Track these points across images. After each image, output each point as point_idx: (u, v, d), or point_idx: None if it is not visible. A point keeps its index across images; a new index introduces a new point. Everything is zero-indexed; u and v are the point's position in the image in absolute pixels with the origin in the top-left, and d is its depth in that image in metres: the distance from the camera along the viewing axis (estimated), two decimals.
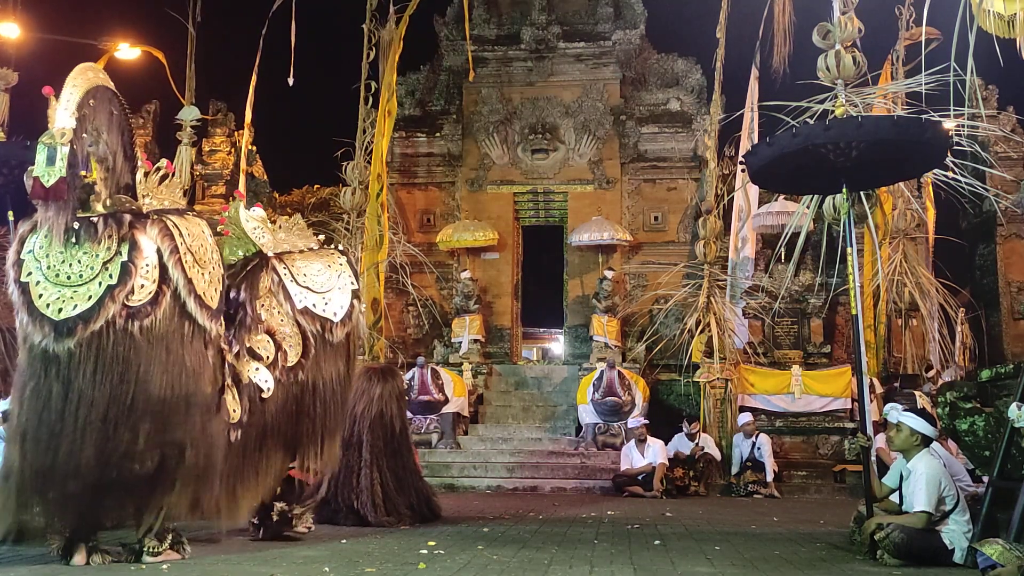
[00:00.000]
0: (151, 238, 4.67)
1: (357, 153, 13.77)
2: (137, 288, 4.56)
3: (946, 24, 6.35)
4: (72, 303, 4.45)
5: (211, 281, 4.94)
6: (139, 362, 4.53)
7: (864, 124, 5.55)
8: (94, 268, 4.51)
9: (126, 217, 4.64)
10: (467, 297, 14.63)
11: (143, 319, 4.55)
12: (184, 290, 4.73)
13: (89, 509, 4.50)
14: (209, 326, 4.89)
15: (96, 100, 4.67)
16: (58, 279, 4.49)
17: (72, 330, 4.41)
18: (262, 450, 5.49)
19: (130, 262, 4.55)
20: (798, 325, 14.15)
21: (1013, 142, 14.18)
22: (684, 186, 15.59)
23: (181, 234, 4.81)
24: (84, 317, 4.43)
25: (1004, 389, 5.87)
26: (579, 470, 11.75)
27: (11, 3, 11.74)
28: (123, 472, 4.46)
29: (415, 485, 7.44)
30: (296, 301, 5.76)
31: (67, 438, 4.38)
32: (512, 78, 15.91)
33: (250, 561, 4.92)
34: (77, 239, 4.52)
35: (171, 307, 4.68)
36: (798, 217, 7.99)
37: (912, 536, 5.08)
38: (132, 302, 4.54)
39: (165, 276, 4.67)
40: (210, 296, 4.91)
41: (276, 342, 5.62)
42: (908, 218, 13.01)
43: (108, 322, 4.46)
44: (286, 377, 5.61)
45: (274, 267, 5.81)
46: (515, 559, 5.12)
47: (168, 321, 4.66)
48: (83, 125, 4.53)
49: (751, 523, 7.55)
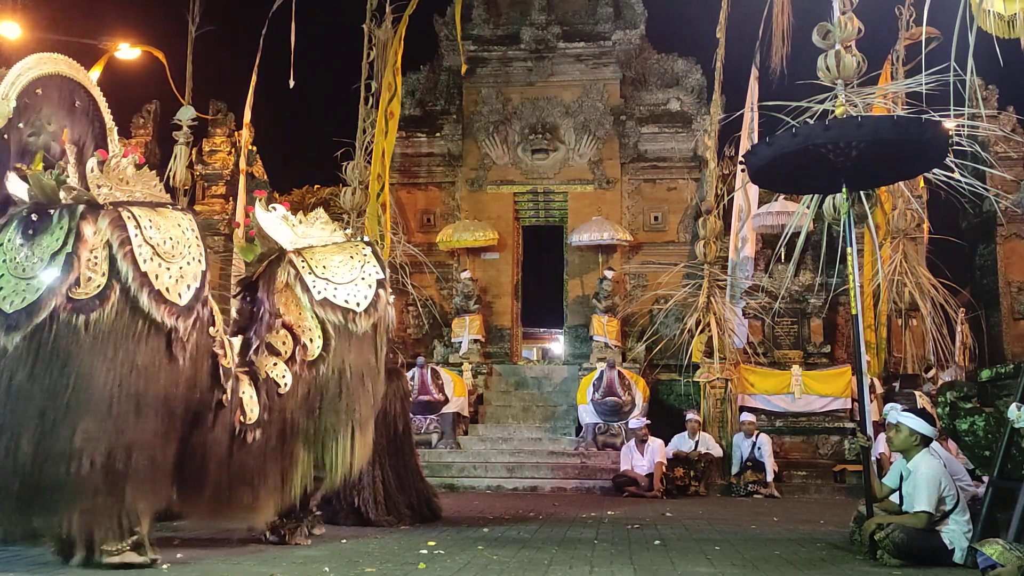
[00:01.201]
0: (99, 229, 4.49)
1: (357, 153, 13.78)
2: (83, 281, 4.40)
3: (946, 24, 6.35)
4: (22, 296, 4.34)
5: (181, 277, 4.70)
6: (82, 358, 4.34)
7: (864, 124, 5.54)
8: (43, 260, 4.40)
9: (79, 208, 4.50)
10: (467, 297, 14.63)
11: (88, 313, 4.37)
12: (135, 284, 4.50)
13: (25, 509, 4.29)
14: (172, 323, 4.62)
15: (47, 89, 4.54)
16: (15, 272, 4.39)
17: (18, 323, 4.30)
18: (284, 448, 5.42)
19: (74, 254, 4.40)
20: (798, 325, 14.14)
21: (1013, 142, 14.18)
22: (684, 186, 15.59)
23: (140, 225, 4.60)
24: (29, 310, 4.31)
25: (1004, 389, 5.88)
26: (579, 470, 11.76)
27: (11, 3, 11.74)
28: (59, 472, 4.25)
29: (416, 485, 7.45)
30: (314, 292, 5.68)
31: (5, 434, 4.23)
32: (512, 78, 15.91)
33: (250, 561, 4.92)
34: (34, 231, 4.42)
35: (120, 302, 4.47)
36: (798, 217, 8.00)
37: (912, 536, 5.09)
38: (77, 295, 4.37)
39: (114, 269, 4.48)
40: (176, 293, 4.65)
41: (295, 336, 5.56)
42: (908, 218, 13.00)
43: (51, 315, 4.31)
44: (307, 371, 5.52)
45: (291, 260, 5.77)
46: (515, 559, 5.12)
47: (117, 316, 4.45)
48: (20, 116, 4.40)
49: (751, 523, 7.55)
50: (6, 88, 4.34)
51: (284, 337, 5.53)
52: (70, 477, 4.26)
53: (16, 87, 4.37)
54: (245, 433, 5.13)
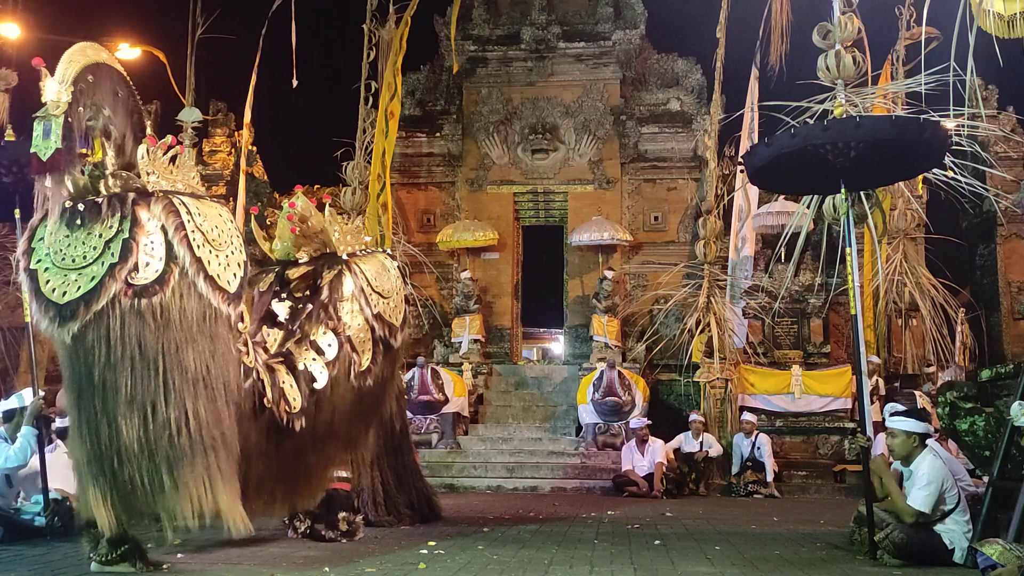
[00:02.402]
0: (154, 215, 4.47)
1: (357, 153, 13.78)
2: (142, 266, 4.37)
3: (946, 24, 6.36)
4: (76, 285, 4.28)
5: (227, 265, 4.70)
6: (153, 341, 4.32)
7: (863, 124, 5.54)
8: (97, 248, 4.34)
9: (129, 195, 4.46)
10: (467, 297, 14.63)
11: (150, 297, 4.35)
12: (192, 268, 4.50)
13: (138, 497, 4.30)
14: (226, 310, 4.67)
15: (96, 77, 4.49)
16: (63, 263, 4.33)
17: (75, 312, 4.24)
18: (325, 444, 5.58)
19: (131, 239, 4.35)
20: (798, 325, 14.14)
21: (1013, 142, 14.17)
22: (684, 186, 15.59)
23: (189, 212, 4.60)
24: (86, 298, 4.25)
25: (1004, 389, 5.88)
26: (579, 470, 11.76)
27: (11, 3, 11.74)
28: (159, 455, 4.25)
29: (415, 484, 7.44)
30: (372, 306, 5.90)
31: (100, 423, 4.24)
32: (512, 78, 15.91)
33: (250, 561, 4.92)
34: (82, 221, 4.37)
35: (181, 285, 4.46)
36: (798, 217, 7.99)
37: (912, 536, 5.09)
38: (137, 280, 4.34)
39: (172, 254, 4.46)
40: (225, 280, 4.66)
41: (341, 342, 5.68)
42: (908, 218, 13.00)
43: (111, 302, 4.27)
44: (359, 381, 5.73)
45: (354, 271, 5.96)
46: (515, 559, 5.12)
47: (180, 300, 4.45)
48: (80, 99, 4.34)
49: (751, 523, 7.55)
50: (64, 73, 4.28)
51: (331, 339, 5.65)
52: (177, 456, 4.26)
53: (71, 72, 4.31)
54: (292, 422, 5.21)
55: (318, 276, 5.90)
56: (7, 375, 12.68)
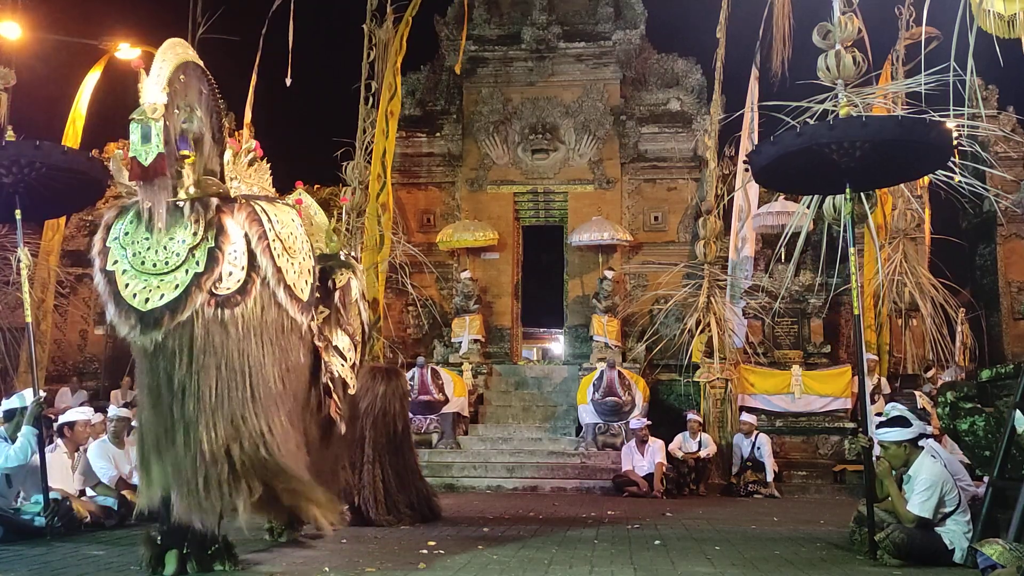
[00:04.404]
0: (238, 223, 4.41)
1: (357, 153, 13.78)
2: (225, 275, 4.32)
3: (946, 24, 6.35)
4: (159, 292, 4.20)
5: (300, 272, 4.70)
6: (233, 352, 4.30)
7: (868, 124, 5.54)
8: (180, 255, 4.25)
9: (212, 201, 4.37)
10: (467, 297, 14.63)
11: (232, 308, 4.32)
12: (273, 279, 4.48)
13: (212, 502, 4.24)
14: (300, 319, 4.68)
15: (187, 76, 4.41)
16: (143, 267, 4.24)
17: (159, 321, 4.16)
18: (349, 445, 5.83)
19: (217, 248, 4.29)
20: (798, 325, 14.14)
21: (1013, 142, 14.17)
22: (684, 186, 15.59)
23: (270, 220, 4.57)
24: (171, 307, 4.17)
25: (1004, 389, 5.87)
26: (579, 470, 11.75)
27: (11, 3, 11.74)
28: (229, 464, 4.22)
29: (416, 484, 7.45)
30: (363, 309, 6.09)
31: (180, 432, 4.20)
32: (512, 78, 15.90)
33: (250, 560, 4.91)
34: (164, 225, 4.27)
35: (261, 296, 4.45)
36: (798, 217, 7.99)
37: (912, 536, 5.09)
38: (220, 290, 4.30)
39: (254, 263, 4.42)
40: (299, 288, 4.67)
41: (354, 344, 5.81)
42: (908, 218, 13.00)
43: (196, 312, 4.23)
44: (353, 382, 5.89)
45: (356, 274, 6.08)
46: (515, 559, 5.12)
47: (259, 310, 4.43)
48: (175, 100, 4.26)
49: (751, 523, 7.55)
50: (160, 74, 4.20)
51: (349, 344, 5.71)
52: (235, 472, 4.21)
53: (166, 72, 4.23)
54: (338, 425, 5.37)
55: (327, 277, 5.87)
56: (7, 375, 12.68)
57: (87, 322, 15.79)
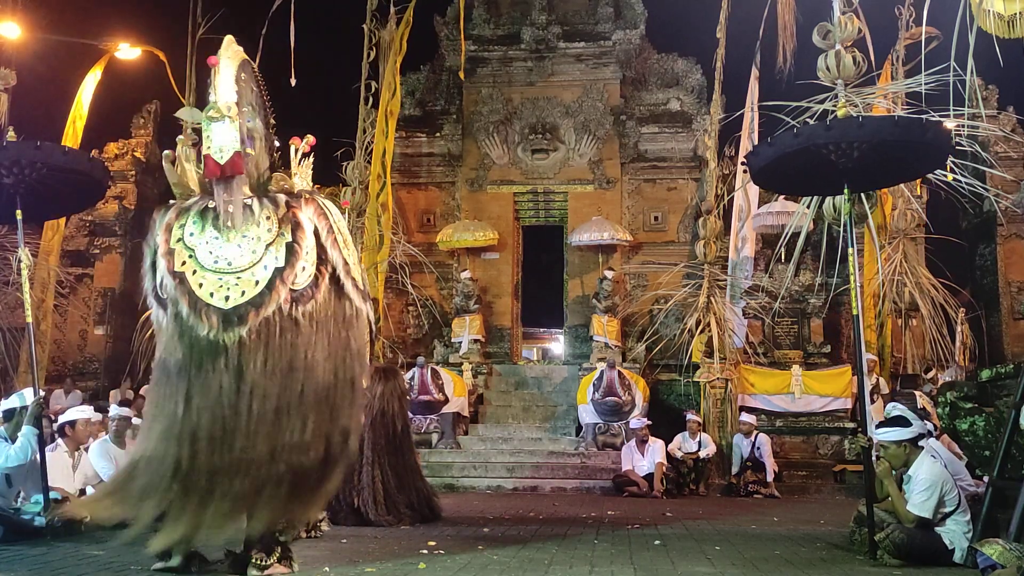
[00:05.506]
0: (308, 217, 4.42)
1: (357, 153, 13.77)
2: (299, 271, 4.33)
3: (946, 24, 6.36)
4: (239, 289, 4.18)
5: (356, 263, 4.73)
6: (305, 348, 4.28)
7: (865, 124, 5.54)
8: (256, 251, 4.25)
9: (281, 197, 4.41)
10: (467, 297, 14.63)
11: (305, 303, 4.31)
12: (342, 271, 4.50)
13: (253, 507, 4.15)
14: (364, 307, 4.70)
15: (246, 74, 4.43)
16: (215, 266, 4.22)
17: (243, 317, 4.13)
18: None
19: (295, 243, 4.30)
20: (798, 325, 14.14)
21: (1013, 142, 14.17)
22: (684, 186, 15.58)
23: (331, 213, 4.59)
24: (255, 303, 4.16)
25: (1004, 389, 5.88)
26: (579, 470, 11.75)
27: (11, 3, 11.74)
28: (291, 466, 4.17)
29: (416, 484, 7.45)
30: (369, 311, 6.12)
31: (241, 433, 4.11)
32: (512, 78, 15.90)
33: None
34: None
35: (330, 289, 4.45)
36: (798, 217, 8.00)
37: (912, 536, 5.09)
38: (295, 285, 4.30)
39: (323, 257, 4.43)
40: (360, 277, 4.70)
41: None
42: (908, 218, 13.00)
43: (277, 307, 4.21)
44: None
45: None
46: (515, 559, 5.12)
47: (329, 304, 4.43)
48: (241, 99, 4.29)
49: (751, 523, 7.55)
50: (230, 72, 4.23)
51: None
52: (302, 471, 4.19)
53: (233, 71, 4.25)
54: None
55: None
56: (7, 375, 12.68)
57: (87, 322, 15.80)
